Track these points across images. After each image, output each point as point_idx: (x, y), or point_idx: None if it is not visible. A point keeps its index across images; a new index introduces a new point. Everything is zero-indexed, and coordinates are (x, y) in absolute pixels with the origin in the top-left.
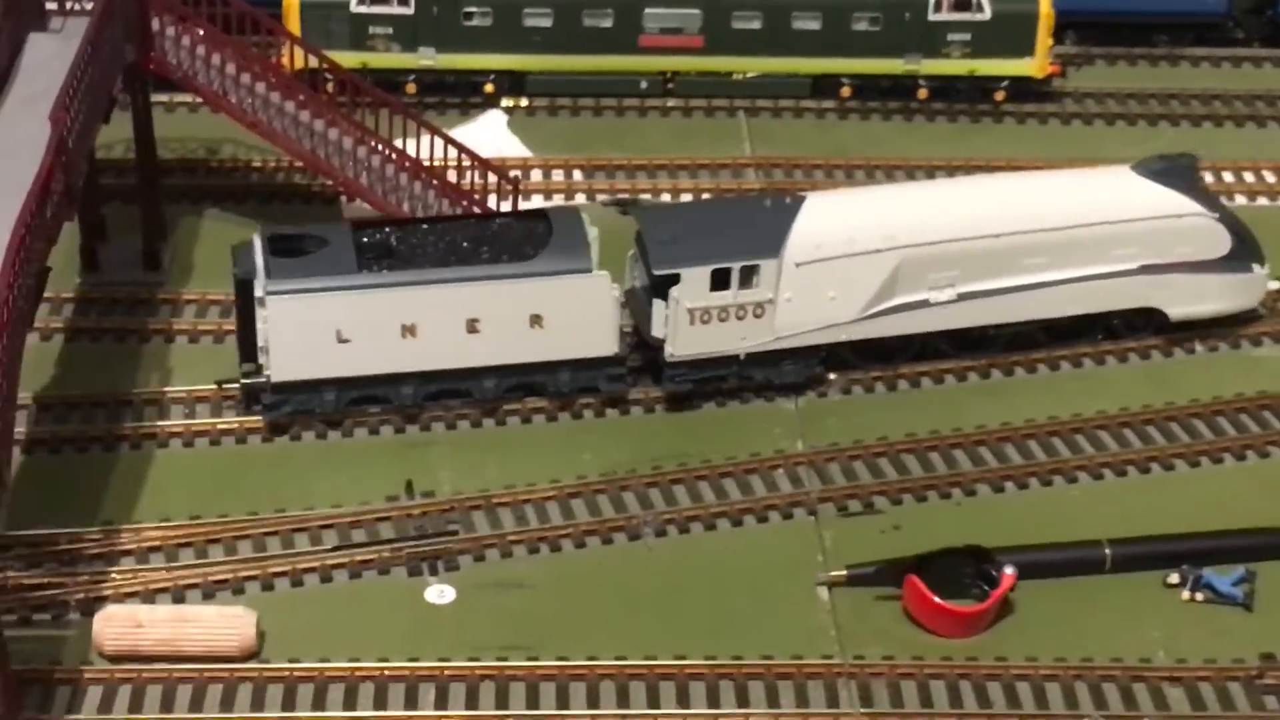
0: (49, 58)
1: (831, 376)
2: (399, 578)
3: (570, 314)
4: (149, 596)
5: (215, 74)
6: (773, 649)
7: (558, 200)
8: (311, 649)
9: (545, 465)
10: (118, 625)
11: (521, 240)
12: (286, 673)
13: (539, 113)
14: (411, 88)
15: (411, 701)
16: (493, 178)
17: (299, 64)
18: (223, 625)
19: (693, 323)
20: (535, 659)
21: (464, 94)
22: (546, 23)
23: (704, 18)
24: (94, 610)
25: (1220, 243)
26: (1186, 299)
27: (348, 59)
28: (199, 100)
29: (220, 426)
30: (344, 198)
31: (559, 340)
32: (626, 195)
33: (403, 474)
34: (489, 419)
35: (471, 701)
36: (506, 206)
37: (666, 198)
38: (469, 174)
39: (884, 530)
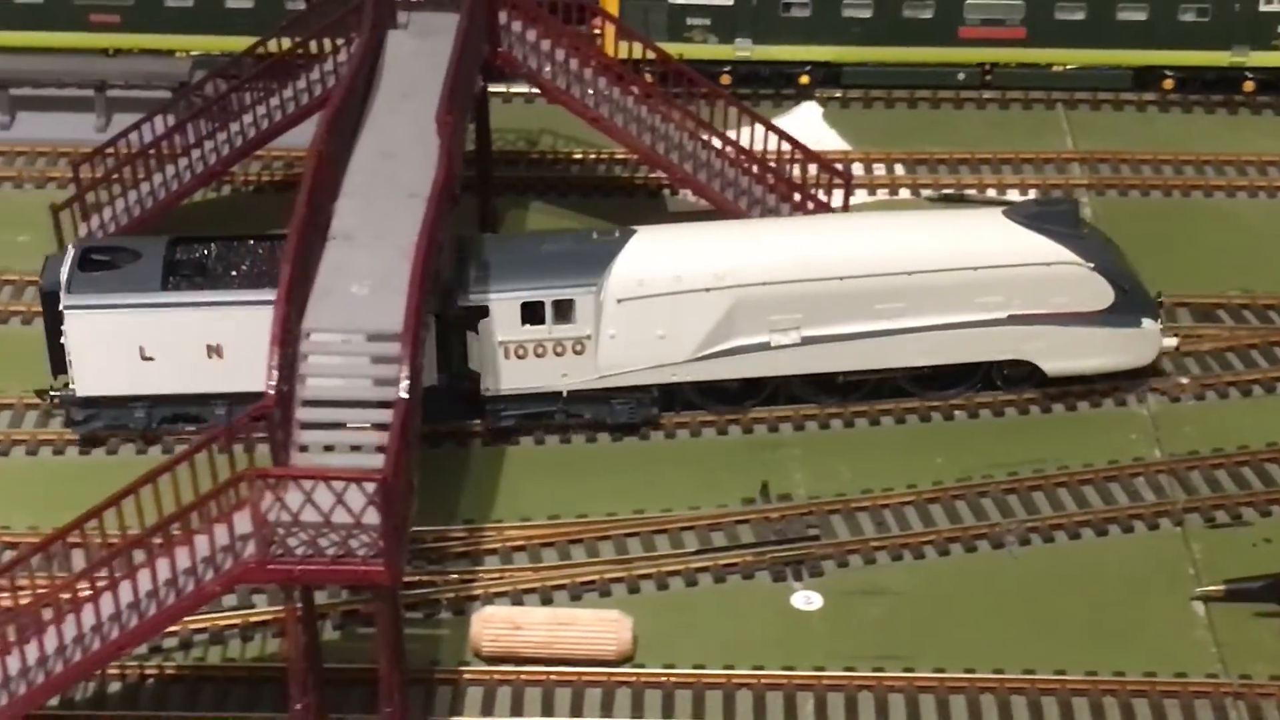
0: (409, 55)
1: (1184, 380)
2: (763, 582)
3: None
4: (517, 597)
5: (559, 69)
6: (1153, 665)
7: (881, 195)
8: (684, 654)
9: (898, 468)
10: (496, 626)
11: None
12: (664, 678)
13: (852, 104)
14: (726, 79)
15: (791, 711)
16: (818, 172)
17: (618, 55)
18: (600, 629)
19: (507, 356)
20: (911, 669)
21: (777, 85)
22: (866, 13)
23: (1027, 8)
24: (464, 610)
25: (1099, 294)
26: (1063, 353)
27: (664, 50)
28: (511, 91)
29: (571, 425)
30: (667, 191)
31: None
32: (952, 190)
33: (755, 476)
34: (836, 420)
35: (851, 712)
36: (837, 200)
37: (992, 193)
38: (799, 169)
39: (1255, 543)
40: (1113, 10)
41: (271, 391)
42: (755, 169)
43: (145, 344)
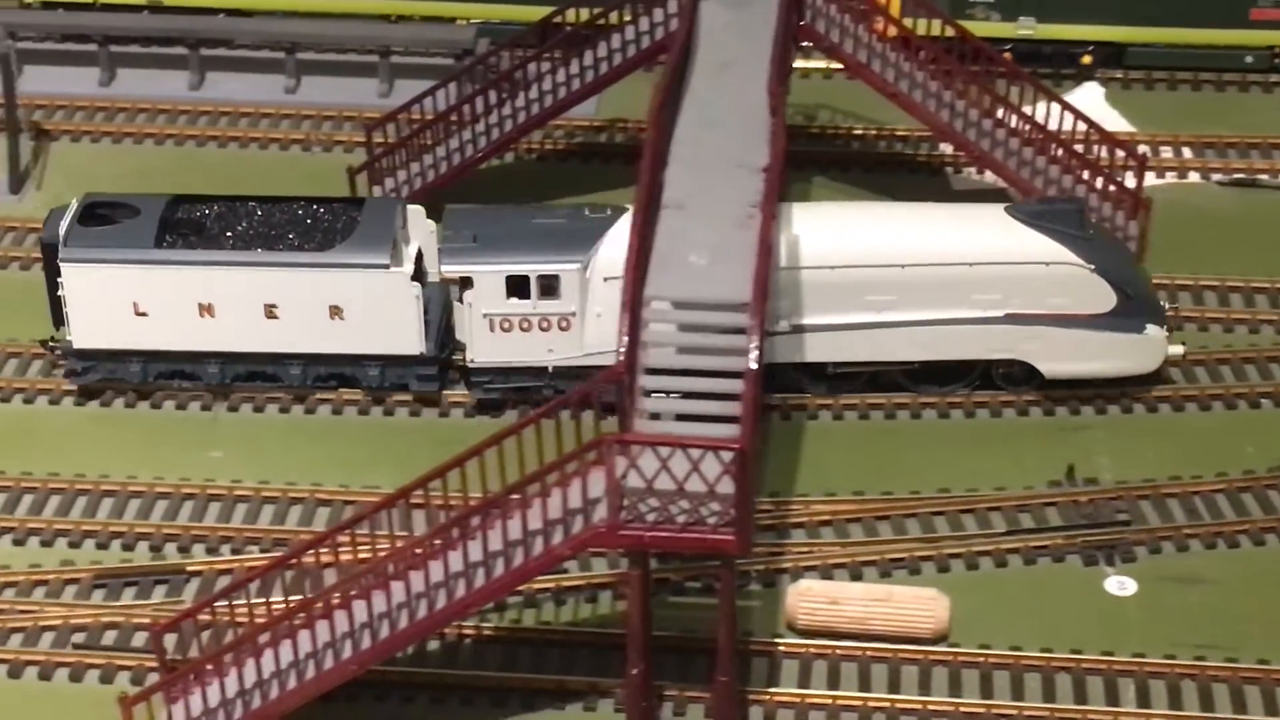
0: (723, 26)
1: None
2: (1074, 566)
3: (369, 309)
4: (827, 571)
5: (860, 43)
6: None
7: (1170, 179)
8: (999, 634)
9: (1205, 456)
10: (813, 600)
11: (331, 229)
12: (981, 658)
13: (1133, 85)
14: (1007, 57)
15: (1112, 696)
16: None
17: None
18: (917, 606)
19: (492, 329)
20: (1234, 660)
21: (1058, 65)
22: None
23: None
24: (774, 582)
25: (1100, 297)
26: (1061, 355)
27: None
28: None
29: (869, 401)
30: (950, 169)
31: (361, 334)
32: (1243, 175)
33: (1059, 458)
34: (1139, 404)
35: (1175, 701)
36: (1130, 183)
37: None
38: (1093, 149)
39: None
40: None
41: (622, 358)
42: (1052, 149)
43: (139, 299)
